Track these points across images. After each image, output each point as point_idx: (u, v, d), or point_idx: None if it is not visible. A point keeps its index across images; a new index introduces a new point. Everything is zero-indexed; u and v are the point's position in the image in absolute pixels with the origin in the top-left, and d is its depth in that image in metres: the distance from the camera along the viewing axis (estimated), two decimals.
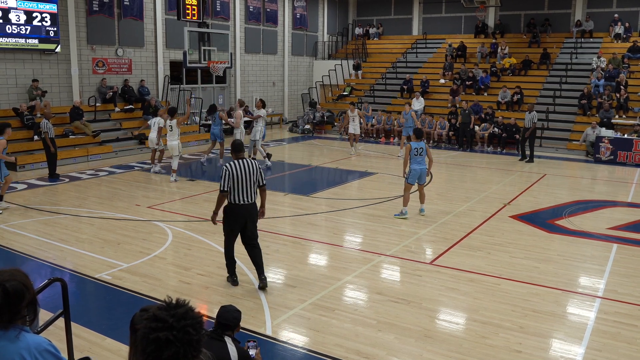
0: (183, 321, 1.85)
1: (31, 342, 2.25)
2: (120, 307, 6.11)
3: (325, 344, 5.22)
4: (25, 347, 2.23)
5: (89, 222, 9.43)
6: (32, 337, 2.30)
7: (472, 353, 5.09)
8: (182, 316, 1.86)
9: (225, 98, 22.82)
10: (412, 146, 9.72)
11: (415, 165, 9.74)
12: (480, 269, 7.29)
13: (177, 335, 1.82)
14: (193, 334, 1.85)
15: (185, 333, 1.83)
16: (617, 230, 9.23)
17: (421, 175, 9.89)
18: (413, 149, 9.69)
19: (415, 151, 9.71)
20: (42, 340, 2.32)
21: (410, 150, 9.71)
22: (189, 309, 1.90)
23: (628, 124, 17.77)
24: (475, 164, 15.90)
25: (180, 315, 1.86)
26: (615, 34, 22.64)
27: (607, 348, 5.22)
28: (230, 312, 3.71)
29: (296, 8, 25.82)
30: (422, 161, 9.83)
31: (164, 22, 19.45)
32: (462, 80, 22.29)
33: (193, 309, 1.92)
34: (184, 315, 1.87)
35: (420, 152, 9.77)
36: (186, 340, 1.83)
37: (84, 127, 16.07)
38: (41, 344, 2.28)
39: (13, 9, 14.90)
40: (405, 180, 9.99)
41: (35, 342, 2.27)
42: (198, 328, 1.87)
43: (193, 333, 1.85)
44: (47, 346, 2.29)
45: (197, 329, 1.87)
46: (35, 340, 2.29)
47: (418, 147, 9.73)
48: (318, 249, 8.26)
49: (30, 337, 2.28)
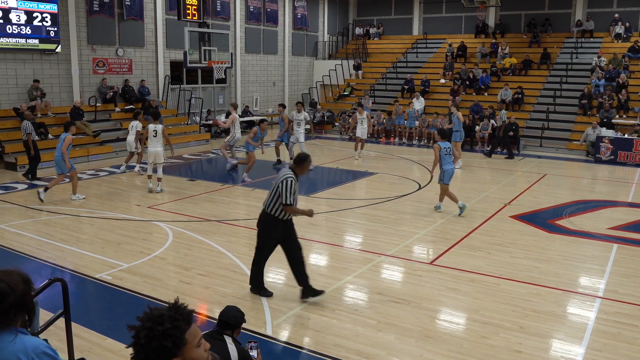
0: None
1: (28, 345, 2.24)
2: (121, 307, 6.11)
3: (325, 344, 5.22)
4: (22, 349, 2.21)
5: (90, 222, 9.43)
6: (30, 339, 2.28)
7: (472, 353, 5.08)
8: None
9: (226, 98, 22.83)
10: (440, 146, 9.85)
11: (447, 166, 9.88)
12: (481, 269, 7.29)
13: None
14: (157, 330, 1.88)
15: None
16: (618, 230, 9.23)
17: (452, 175, 10.05)
18: (442, 149, 9.84)
19: (445, 151, 9.86)
20: (40, 343, 2.30)
21: (440, 151, 9.82)
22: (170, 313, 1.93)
23: (628, 123, 17.76)
24: (475, 164, 15.89)
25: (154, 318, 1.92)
26: (615, 33, 22.64)
27: (608, 348, 5.22)
28: (232, 311, 3.73)
29: (296, 8, 25.83)
30: (451, 160, 10.01)
31: (164, 22, 19.46)
32: (462, 80, 22.29)
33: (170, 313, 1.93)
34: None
35: (449, 152, 9.95)
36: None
37: (85, 127, 16.07)
38: (38, 346, 2.26)
39: (13, 9, 14.90)
40: (440, 183, 10.10)
41: (32, 344, 2.25)
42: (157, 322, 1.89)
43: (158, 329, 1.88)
44: (44, 348, 2.27)
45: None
46: (33, 342, 2.27)
47: (446, 146, 9.92)
48: (318, 249, 8.26)
49: (28, 340, 2.26)
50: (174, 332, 1.88)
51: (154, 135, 11.33)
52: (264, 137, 13.64)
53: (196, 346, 1.95)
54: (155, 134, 11.34)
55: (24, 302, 2.28)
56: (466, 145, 18.92)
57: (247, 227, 9.15)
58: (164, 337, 1.86)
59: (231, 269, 7.18)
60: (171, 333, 1.87)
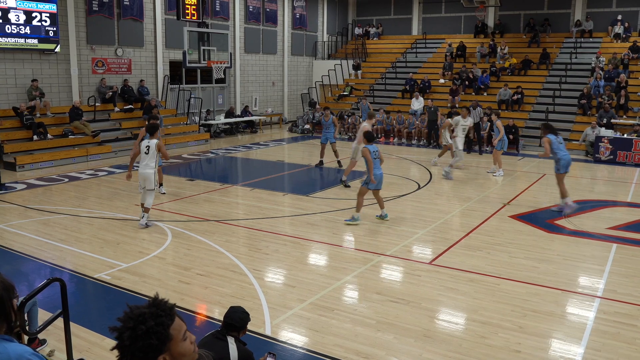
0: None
1: (12, 353, 2.17)
2: (120, 307, 6.03)
3: (324, 344, 5.22)
4: (6, 357, 2.14)
5: (89, 222, 9.43)
6: (14, 346, 2.21)
7: (471, 353, 5.08)
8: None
9: (225, 98, 22.83)
10: (370, 150, 9.07)
11: (377, 171, 9.18)
12: (480, 269, 7.29)
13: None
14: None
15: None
16: (617, 230, 9.23)
17: (380, 180, 9.36)
18: (372, 153, 9.09)
19: (374, 155, 9.12)
20: (24, 350, 2.22)
21: (370, 154, 9.03)
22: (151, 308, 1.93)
23: (628, 123, 17.77)
24: (475, 164, 15.90)
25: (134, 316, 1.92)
26: (614, 33, 22.65)
27: (607, 348, 5.22)
28: (237, 313, 3.72)
29: (296, 8, 25.82)
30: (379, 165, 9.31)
31: (163, 22, 19.45)
32: (461, 80, 22.29)
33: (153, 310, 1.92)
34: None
35: (377, 156, 9.24)
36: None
37: (84, 127, 16.06)
38: (23, 354, 2.18)
39: (13, 9, 14.89)
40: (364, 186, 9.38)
41: (16, 352, 2.18)
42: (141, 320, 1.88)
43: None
44: (29, 356, 2.19)
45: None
46: (17, 350, 2.20)
47: (374, 150, 9.17)
48: (317, 249, 8.26)
49: (12, 347, 2.19)
50: (158, 328, 1.85)
51: (145, 152, 8.96)
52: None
53: (182, 340, 1.92)
54: (147, 151, 8.96)
55: (3, 309, 2.20)
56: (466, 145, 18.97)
57: (247, 227, 9.16)
58: (148, 335, 1.83)
59: (230, 269, 7.18)
60: (155, 330, 1.84)
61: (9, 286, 2.29)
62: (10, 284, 2.30)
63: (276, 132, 23.38)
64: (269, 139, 20.83)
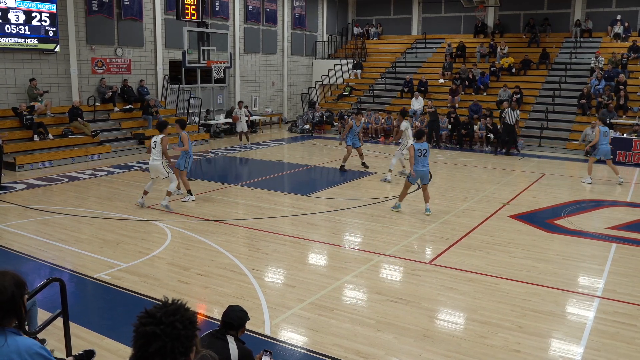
0: (172, 317, 1.90)
1: (21, 345, 2.24)
2: (119, 307, 6.10)
3: (324, 344, 5.22)
4: (16, 350, 2.21)
5: (88, 222, 9.42)
6: (23, 339, 2.28)
7: (471, 353, 5.08)
8: (172, 312, 1.92)
9: (225, 98, 22.82)
10: (415, 147, 9.84)
11: (418, 167, 9.86)
12: (480, 268, 7.29)
13: (164, 329, 1.87)
14: (180, 329, 1.89)
15: (172, 328, 1.89)
16: (616, 230, 9.23)
17: (424, 176, 10.00)
18: (416, 150, 9.81)
19: (419, 152, 9.83)
20: (33, 343, 2.30)
21: (414, 151, 9.82)
22: (181, 307, 1.96)
23: (627, 123, 17.77)
24: (475, 164, 15.90)
25: (171, 311, 1.92)
26: (614, 33, 22.64)
27: (606, 348, 5.22)
28: (235, 312, 3.72)
29: (295, 8, 25.82)
30: (426, 162, 9.95)
31: (163, 22, 19.45)
32: (461, 80, 22.29)
33: (186, 307, 1.97)
34: (174, 312, 1.92)
35: (424, 153, 9.90)
36: (173, 335, 1.88)
37: (83, 127, 16.06)
38: (32, 346, 2.26)
39: (12, 9, 14.89)
40: (407, 179, 10.16)
41: (25, 345, 2.25)
42: (187, 324, 1.92)
43: (180, 328, 1.90)
44: (37, 349, 2.27)
45: (185, 325, 1.91)
46: (26, 343, 2.26)
47: (421, 147, 9.89)
48: (317, 248, 8.26)
49: (21, 340, 2.26)
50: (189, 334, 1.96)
51: (153, 147, 10.22)
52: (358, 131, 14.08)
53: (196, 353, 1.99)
54: (154, 145, 10.20)
55: (13, 304, 2.27)
56: (465, 145, 18.98)
57: (246, 227, 9.16)
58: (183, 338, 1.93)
59: (230, 269, 7.18)
60: (187, 335, 1.95)
61: (20, 282, 2.36)
62: (21, 281, 2.37)
63: (276, 132, 23.38)
64: (269, 139, 20.83)
